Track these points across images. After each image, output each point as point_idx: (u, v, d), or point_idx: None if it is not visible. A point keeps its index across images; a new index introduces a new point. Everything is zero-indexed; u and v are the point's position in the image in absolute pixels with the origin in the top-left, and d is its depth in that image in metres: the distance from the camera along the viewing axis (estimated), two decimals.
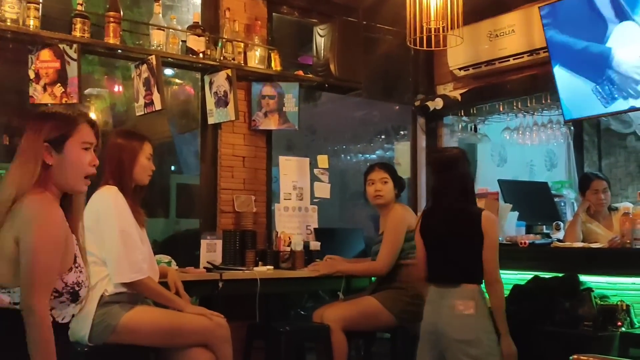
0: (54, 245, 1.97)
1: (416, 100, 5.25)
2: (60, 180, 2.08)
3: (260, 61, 4.37)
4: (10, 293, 1.96)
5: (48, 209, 1.99)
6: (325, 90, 4.79)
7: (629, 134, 6.27)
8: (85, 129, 2.12)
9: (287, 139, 5.51)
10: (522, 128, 4.84)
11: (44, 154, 2.05)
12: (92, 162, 2.12)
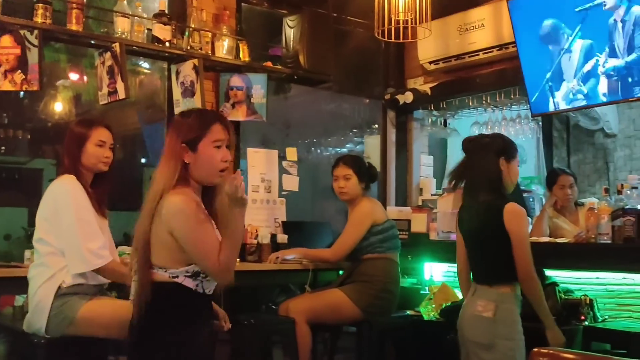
0: (205, 226, 2.26)
1: (386, 93, 5.23)
2: (197, 175, 2.33)
3: (228, 51, 4.32)
4: (167, 271, 2.29)
5: (186, 201, 2.25)
6: (295, 82, 4.76)
7: (596, 130, 6.33)
8: (216, 128, 2.34)
9: (262, 134, 5.46)
10: (491, 123, 4.84)
11: (182, 153, 2.31)
12: (223, 158, 2.34)
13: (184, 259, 2.28)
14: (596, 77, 3.91)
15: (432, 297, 4.17)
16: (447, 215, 4.53)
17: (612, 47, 3.78)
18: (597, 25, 3.85)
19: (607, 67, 3.83)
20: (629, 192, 3.61)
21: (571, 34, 3.97)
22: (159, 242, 2.28)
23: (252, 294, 4.37)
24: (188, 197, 2.27)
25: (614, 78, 3.81)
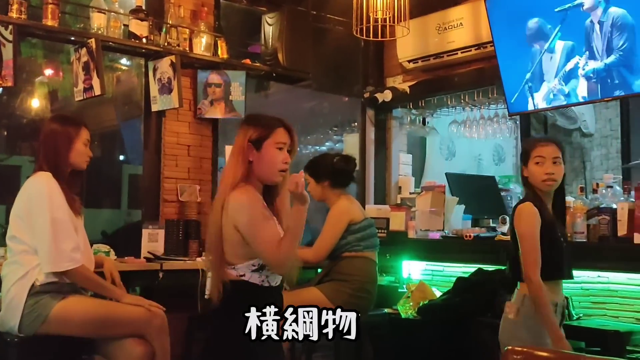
0: (265, 218, 2.40)
1: (365, 92, 5.23)
2: (259, 173, 2.47)
3: (206, 48, 4.30)
4: (235, 268, 2.42)
5: (248, 197, 2.40)
6: (273, 79, 4.74)
7: (574, 130, 6.39)
8: (280, 132, 2.48)
9: None
10: (469, 121, 4.87)
11: (248, 152, 2.46)
12: (284, 160, 2.48)
13: (248, 253, 2.41)
14: (576, 78, 3.94)
15: (410, 295, 4.19)
16: (426, 213, 4.55)
17: (591, 49, 3.81)
18: (576, 26, 3.87)
19: (587, 69, 3.86)
20: (604, 191, 3.65)
21: (552, 34, 3.99)
22: (226, 238, 2.42)
23: None
24: (250, 192, 2.42)
25: (593, 80, 3.84)
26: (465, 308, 3.77)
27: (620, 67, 3.69)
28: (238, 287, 2.42)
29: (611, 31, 3.70)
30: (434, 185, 4.66)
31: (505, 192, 5.52)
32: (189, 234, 4.10)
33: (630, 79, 3.67)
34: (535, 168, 2.86)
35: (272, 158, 2.47)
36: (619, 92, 3.78)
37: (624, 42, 3.64)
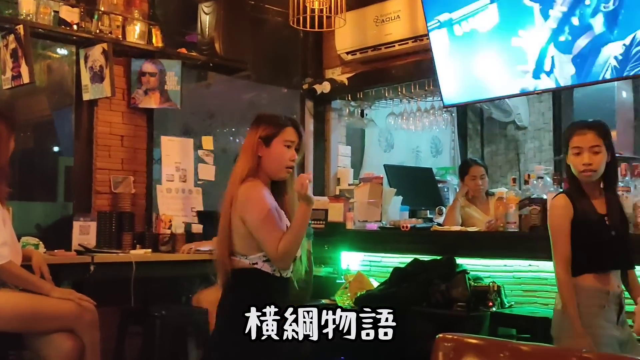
0: (270, 212, 2.47)
1: (304, 83, 5.22)
2: (267, 168, 2.57)
3: (140, 36, 4.21)
4: (247, 258, 2.51)
5: (256, 191, 2.50)
6: (210, 69, 4.69)
7: (509, 123, 6.54)
8: (289, 130, 2.59)
9: (183, 123, 5.35)
10: (406, 113, 4.91)
11: (257, 147, 2.55)
12: (291, 157, 2.58)
13: (258, 245, 2.50)
14: None
15: (347, 286, 4.20)
16: (364, 205, 4.57)
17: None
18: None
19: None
20: (536, 182, 3.73)
21: None
22: (236, 230, 2.52)
23: (172, 285, 4.29)
24: (258, 187, 2.52)
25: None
26: (401, 298, 3.80)
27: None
28: (251, 275, 2.52)
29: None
30: (372, 177, 4.68)
31: (442, 184, 5.61)
32: (123, 226, 4.01)
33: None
34: (573, 159, 2.76)
35: (280, 155, 2.57)
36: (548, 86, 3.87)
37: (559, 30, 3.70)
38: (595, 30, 3.51)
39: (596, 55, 3.51)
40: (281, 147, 2.57)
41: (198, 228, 4.18)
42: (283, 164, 2.57)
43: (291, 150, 2.59)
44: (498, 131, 6.76)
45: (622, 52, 3.44)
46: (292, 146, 2.60)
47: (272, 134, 2.58)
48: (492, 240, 3.77)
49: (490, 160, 6.62)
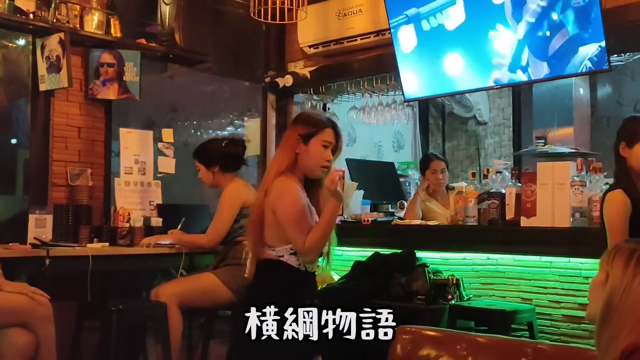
0: (301, 207, 2.56)
1: (266, 76, 5.18)
2: (303, 166, 2.65)
3: (98, 26, 4.13)
4: (274, 250, 2.58)
5: (290, 186, 2.59)
6: (170, 61, 4.63)
7: (469, 118, 6.61)
8: (328, 131, 2.68)
9: (146, 116, 5.27)
10: (368, 108, 4.92)
11: (295, 144, 2.64)
12: (326, 157, 2.67)
13: (286, 237, 2.56)
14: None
15: None
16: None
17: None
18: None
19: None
20: (494, 176, 3.77)
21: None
22: (267, 222, 2.60)
23: (131, 279, 4.23)
24: (292, 182, 2.60)
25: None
26: (361, 291, 3.81)
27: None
28: (276, 267, 2.59)
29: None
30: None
31: (403, 178, 5.64)
32: (80, 220, 3.94)
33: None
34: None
35: (316, 153, 2.65)
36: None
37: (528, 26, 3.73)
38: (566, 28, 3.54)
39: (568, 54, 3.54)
40: (319, 146, 2.65)
41: (157, 221, 4.13)
42: (319, 163, 2.65)
43: (327, 151, 2.68)
44: (459, 126, 6.83)
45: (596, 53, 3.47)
46: (330, 147, 2.68)
47: (311, 132, 2.65)
48: (451, 234, 3.81)
49: (451, 155, 6.68)
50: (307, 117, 2.77)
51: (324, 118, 2.78)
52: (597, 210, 3.23)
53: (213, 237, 3.76)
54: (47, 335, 2.90)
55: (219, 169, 3.86)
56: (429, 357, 2.42)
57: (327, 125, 2.70)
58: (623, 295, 1.64)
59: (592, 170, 3.40)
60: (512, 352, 2.30)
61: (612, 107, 6.09)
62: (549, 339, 3.27)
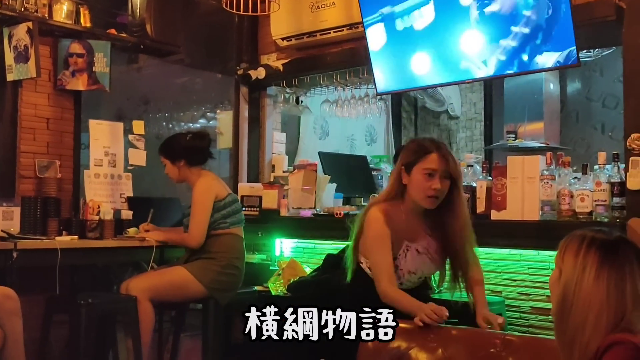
0: (379, 243, 2.67)
1: (239, 69, 5.15)
2: (411, 196, 2.66)
3: (67, 16, 4.06)
4: (362, 258, 2.78)
5: (378, 217, 2.67)
6: (141, 52, 4.56)
7: (442, 112, 6.65)
8: (431, 158, 2.60)
9: (117, 108, 5.20)
10: (341, 101, 4.92)
11: (401, 174, 2.66)
12: (432, 187, 2.59)
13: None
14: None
15: (280, 272, 4.19)
16: (298, 191, 4.56)
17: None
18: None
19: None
20: (466, 170, 3.79)
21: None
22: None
23: (101, 273, 4.19)
24: (383, 213, 2.66)
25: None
26: (333, 283, 3.81)
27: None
28: (361, 274, 2.79)
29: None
30: (306, 164, 4.68)
31: (376, 172, 5.65)
32: (48, 212, 3.88)
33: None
34: None
35: (418, 183, 2.61)
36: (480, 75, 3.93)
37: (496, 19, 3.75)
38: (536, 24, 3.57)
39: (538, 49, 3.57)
40: (420, 175, 2.60)
41: (128, 214, 4.09)
42: (422, 193, 2.60)
43: (433, 179, 2.60)
44: (431, 120, 6.87)
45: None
46: (436, 174, 2.59)
47: (411, 161, 2.62)
48: None
49: None
50: (410, 144, 2.73)
51: (428, 143, 2.67)
52: (566, 203, 3.29)
53: (197, 236, 3.71)
54: (14, 330, 2.86)
55: (185, 164, 3.82)
56: (400, 349, 2.44)
57: (429, 152, 2.62)
58: (576, 288, 1.66)
59: (561, 164, 3.45)
60: (481, 344, 2.32)
61: (582, 103, 6.18)
62: (518, 331, 3.31)
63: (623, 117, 3.25)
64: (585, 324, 1.62)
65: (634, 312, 1.62)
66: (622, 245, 1.70)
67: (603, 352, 1.57)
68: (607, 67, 5.76)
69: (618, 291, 1.63)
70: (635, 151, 3.13)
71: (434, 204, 2.64)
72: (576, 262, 1.67)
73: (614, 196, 3.18)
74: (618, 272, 1.64)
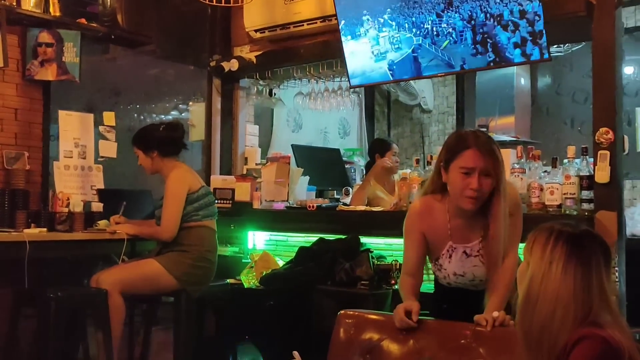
0: (409, 237, 2.59)
1: (212, 60, 5.11)
2: (450, 195, 2.45)
3: (36, 4, 3.99)
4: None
5: (416, 211, 2.58)
6: (112, 42, 4.50)
7: (414, 106, 6.68)
8: (467, 155, 2.35)
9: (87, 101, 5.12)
10: (314, 94, 4.91)
11: (441, 170, 2.45)
12: (469, 186, 2.35)
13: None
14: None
15: (253, 265, 4.19)
16: (271, 184, 4.55)
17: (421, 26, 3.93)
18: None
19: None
20: None
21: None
22: None
23: (71, 266, 4.13)
24: (422, 206, 2.56)
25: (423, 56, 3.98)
26: (306, 276, 3.83)
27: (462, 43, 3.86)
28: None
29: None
30: (279, 157, 4.67)
31: (349, 165, 5.67)
32: (16, 204, 3.82)
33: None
34: None
35: (455, 182, 2.39)
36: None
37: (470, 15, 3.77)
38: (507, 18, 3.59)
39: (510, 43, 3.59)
40: (456, 174, 2.37)
41: (98, 207, 4.04)
42: (461, 194, 2.37)
43: (471, 178, 2.34)
44: (404, 114, 6.90)
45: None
46: (474, 173, 2.33)
47: (448, 159, 2.41)
48: (394, 220, 3.81)
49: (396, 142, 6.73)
50: (448, 140, 2.48)
51: (466, 139, 2.40)
52: (536, 196, 3.33)
53: (169, 229, 3.69)
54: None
55: (158, 154, 3.79)
56: (372, 341, 2.45)
57: (465, 148, 2.36)
58: (543, 282, 1.67)
59: (532, 158, 3.49)
60: (452, 335, 2.34)
61: (552, 97, 6.26)
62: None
63: (592, 111, 3.29)
64: (552, 318, 1.63)
65: (600, 306, 1.65)
66: (588, 238, 1.72)
67: (572, 346, 1.59)
68: (577, 62, 5.83)
69: (584, 285, 1.65)
70: (604, 145, 3.18)
71: (474, 204, 2.39)
72: (543, 256, 1.68)
73: (583, 189, 3.22)
74: (584, 266, 1.66)
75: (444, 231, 2.52)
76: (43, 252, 3.59)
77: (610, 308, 1.67)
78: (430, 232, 2.53)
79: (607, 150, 3.17)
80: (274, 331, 3.83)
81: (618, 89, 3.26)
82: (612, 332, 1.59)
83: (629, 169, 4.82)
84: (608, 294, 1.68)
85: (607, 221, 3.11)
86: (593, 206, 3.19)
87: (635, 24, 5.54)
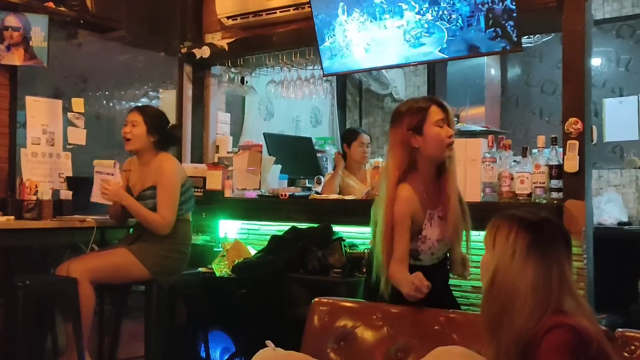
0: (401, 226, 2.58)
1: (183, 47, 5.06)
2: (429, 155, 2.61)
3: None
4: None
5: (405, 198, 2.58)
6: (81, 27, 4.41)
7: (386, 95, 6.70)
8: (434, 110, 2.60)
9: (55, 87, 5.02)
10: (287, 82, 4.89)
11: (410, 140, 2.58)
12: (447, 134, 2.60)
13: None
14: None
15: (225, 254, 4.17)
16: (243, 172, 4.53)
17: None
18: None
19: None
20: None
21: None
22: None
23: (38, 255, 4.07)
24: (408, 194, 2.59)
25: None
26: (278, 265, 3.83)
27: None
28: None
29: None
30: (251, 145, 4.65)
31: (321, 154, 5.67)
32: None
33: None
34: None
35: (436, 136, 2.59)
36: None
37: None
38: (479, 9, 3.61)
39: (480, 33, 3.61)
40: (433, 129, 2.59)
41: (67, 194, 3.98)
42: (443, 144, 2.60)
43: (445, 128, 2.60)
44: (376, 103, 6.92)
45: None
46: (444, 124, 2.61)
47: (419, 120, 2.59)
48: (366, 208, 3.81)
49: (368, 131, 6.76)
50: (407, 109, 2.65)
51: (423, 99, 2.71)
52: (507, 185, 3.38)
53: (170, 223, 3.63)
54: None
55: (156, 141, 3.73)
56: (346, 328, 2.46)
57: (428, 106, 2.62)
58: (505, 271, 1.70)
59: (502, 148, 3.53)
60: (425, 321, 2.37)
61: (521, 88, 6.34)
62: (460, 309, 3.39)
63: (561, 101, 3.34)
64: (513, 306, 1.66)
65: (561, 291, 1.67)
66: (548, 226, 1.74)
67: (542, 336, 1.61)
68: (546, 53, 5.91)
69: (545, 274, 1.67)
70: (573, 135, 3.24)
71: (451, 151, 2.66)
72: (506, 245, 1.71)
73: (552, 178, 3.28)
74: (544, 255, 1.68)
75: (423, 203, 2.66)
76: (10, 240, 3.55)
77: (573, 293, 1.70)
78: (417, 211, 2.65)
79: (576, 140, 3.22)
80: (246, 320, 3.83)
81: (587, 80, 3.31)
82: (580, 319, 1.62)
83: (595, 159, 4.91)
84: (569, 280, 1.71)
85: (575, 210, 3.17)
86: (562, 195, 3.24)
87: (604, 16, 5.63)
